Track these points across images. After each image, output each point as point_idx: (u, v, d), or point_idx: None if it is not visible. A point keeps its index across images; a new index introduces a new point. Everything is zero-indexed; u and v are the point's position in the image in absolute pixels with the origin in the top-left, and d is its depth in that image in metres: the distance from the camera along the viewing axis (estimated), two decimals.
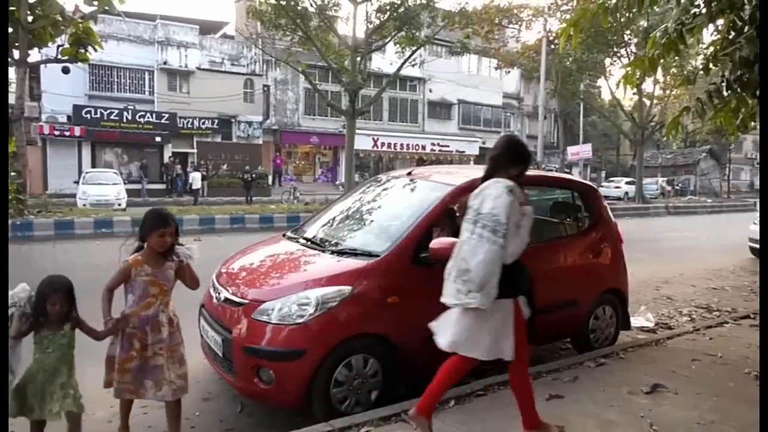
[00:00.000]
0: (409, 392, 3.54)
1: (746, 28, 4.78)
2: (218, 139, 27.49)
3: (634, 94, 26.91)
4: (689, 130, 39.06)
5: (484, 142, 35.55)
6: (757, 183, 47.96)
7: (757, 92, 4.84)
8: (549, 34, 24.05)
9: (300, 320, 3.33)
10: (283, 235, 4.74)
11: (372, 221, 4.47)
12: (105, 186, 19.09)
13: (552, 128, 40.47)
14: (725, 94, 4.93)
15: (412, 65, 19.81)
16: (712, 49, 5.51)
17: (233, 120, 27.74)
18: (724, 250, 11.84)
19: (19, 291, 2.81)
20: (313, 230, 4.57)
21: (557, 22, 24.06)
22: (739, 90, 4.91)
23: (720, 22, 5.09)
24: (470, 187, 4.39)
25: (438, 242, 3.71)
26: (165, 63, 26.28)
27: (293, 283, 3.62)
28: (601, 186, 32.46)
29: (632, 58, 22.13)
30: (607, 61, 26.61)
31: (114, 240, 7.51)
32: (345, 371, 3.39)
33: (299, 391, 3.32)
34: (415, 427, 2.99)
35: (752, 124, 5.87)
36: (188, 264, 3.09)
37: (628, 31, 23.89)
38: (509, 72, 31.42)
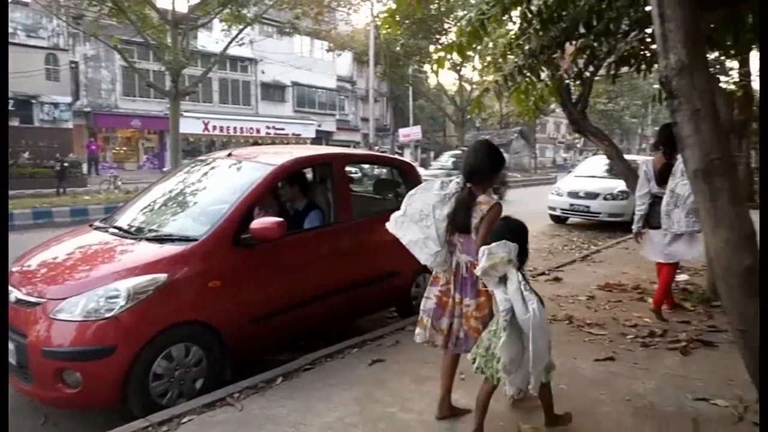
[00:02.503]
0: (236, 375, 3.49)
1: (534, 21, 5.42)
2: (16, 123, 23.80)
3: (456, 79, 29.13)
4: (503, 113, 43.49)
5: (319, 125, 35.77)
6: (558, 159, 55.19)
7: (542, 75, 5.54)
8: (376, 18, 24.84)
9: (109, 314, 3.08)
10: (90, 225, 4.33)
11: (191, 204, 4.27)
12: None
13: (384, 111, 42.07)
14: (518, 78, 5.56)
15: (240, 45, 19.06)
16: (508, 37, 6.18)
17: (34, 101, 24.19)
18: (529, 218, 13.39)
19: (499, 248, 2.55)
20: (125, 218, 4.23)
21: (383, 6, 24.96)
22: (529, 75, 5.58)
23: (515, 13, 5.68)
24: (294, 165, 4.44)
25: (259, 223, 3.69)
26: None
27: (101, 276, 3.33)
28: (430, 165, 34.72)
29: None
30: (431, 47, 28.34)
31: None
32: (165, 363, 3.22)
33: (112, 389, 3.08)
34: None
35: (545, 105, 6.71)
36: None
37: (448, 20, 25.64)
38: (341, 55, 31.89)
